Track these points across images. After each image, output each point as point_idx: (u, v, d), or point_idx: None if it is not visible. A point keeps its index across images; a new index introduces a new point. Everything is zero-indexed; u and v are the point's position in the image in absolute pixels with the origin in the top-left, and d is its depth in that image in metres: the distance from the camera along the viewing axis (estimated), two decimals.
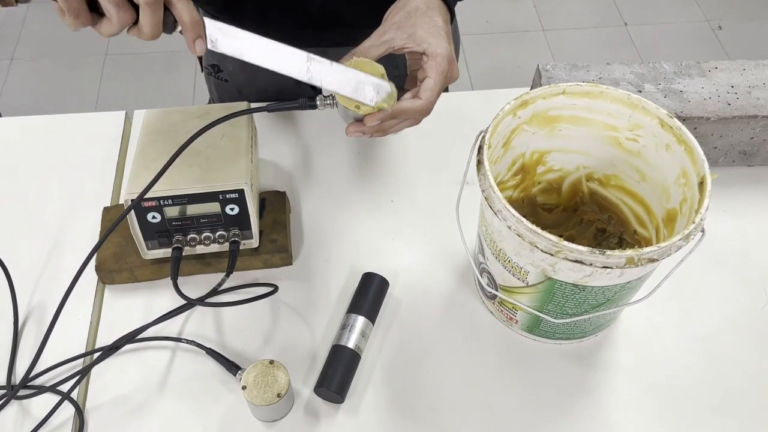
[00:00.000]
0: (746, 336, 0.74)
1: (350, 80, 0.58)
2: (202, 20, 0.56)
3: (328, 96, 0.61)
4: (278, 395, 0.63)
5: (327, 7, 0.85)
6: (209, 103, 1.11)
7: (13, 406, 0.67)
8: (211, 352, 0.70)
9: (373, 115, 0.59)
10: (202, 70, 1.02)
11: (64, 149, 0.90)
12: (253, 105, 0.69)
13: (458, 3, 0.70)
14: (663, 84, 0.84)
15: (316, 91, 0.76)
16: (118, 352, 0.70)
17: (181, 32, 0.57)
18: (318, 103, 0.62)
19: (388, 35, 0.60)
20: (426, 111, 0.61)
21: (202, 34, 0.55)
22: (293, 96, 1.02)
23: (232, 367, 0.68)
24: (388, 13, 0.62)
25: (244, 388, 0.64)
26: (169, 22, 0.56)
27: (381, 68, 0.60)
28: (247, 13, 0.89)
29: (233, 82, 1.00)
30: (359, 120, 0.62)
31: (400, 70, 0.77)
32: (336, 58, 1.03)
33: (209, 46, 0.57)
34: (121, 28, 0.52)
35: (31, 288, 0.76)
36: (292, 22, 0.88)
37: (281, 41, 0.95)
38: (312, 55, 0.56)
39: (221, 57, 0.97)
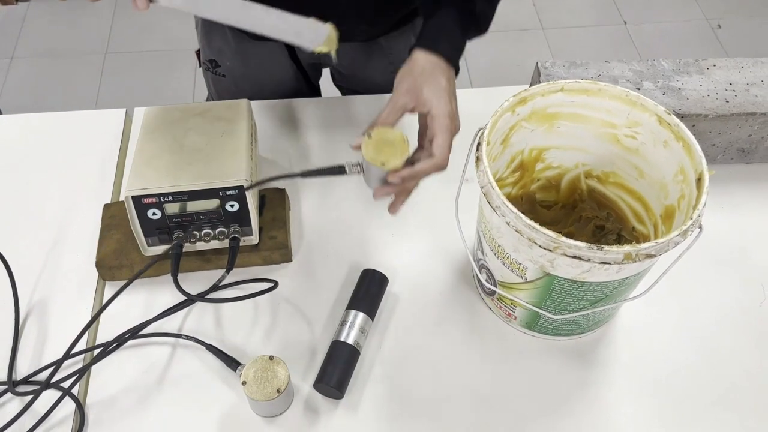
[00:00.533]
0: (744, 332, 0.74)
1: (288, 26, 0.59)
2: None
3: (357, 164, 0.66)
4: (278, 391, 0.63)
5: (319, 3, 0.85)
6: (207, 99, 1.11)
7: (15, 402, 0.68)
8: (211, 348, 0.70)
9: (396, 174, 0.64)
10: (200, 66, 1.02)
11: (65, 147, 0.90)
12: (252, 102, 0.69)
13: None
14: (661, 81, 0.85)
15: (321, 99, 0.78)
16: (118, 348, 0.71)
17: None
18: (347, 169, 0.67)
19: (401, 102, 0.66)
20: (442, 166, 0.66)
21: None
22: (290, 91, 1.02)
23: (232, 363, 0.68)
24: (398, 79, 0.68)
25: (244, 383, 0.64)
26: None
27: (401, 133, 0.66)
28: None
29: (230, 76, 1.00)
30: (383, 181, 0.66)
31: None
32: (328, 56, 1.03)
33: (153, 2, 0.58)
34: None
35: (32, 284, 0.77)
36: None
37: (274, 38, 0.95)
38: (248, 3, 0.58)
39: (219, 52, 0.98)
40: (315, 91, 1.09)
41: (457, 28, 0.68)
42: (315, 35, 0.60)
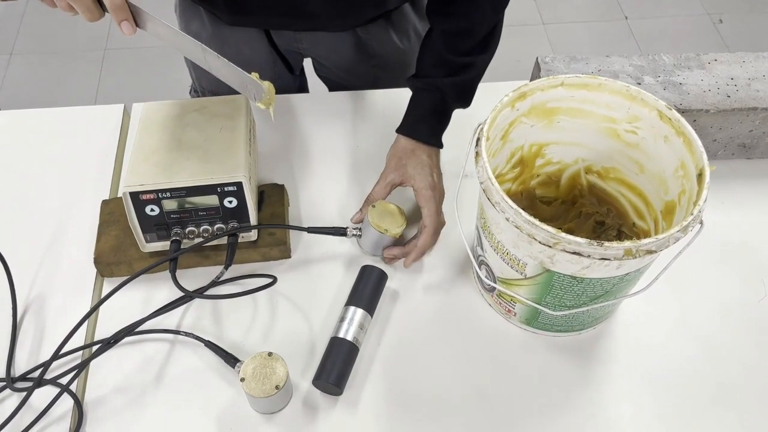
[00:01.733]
0: (744, 328, 0.74)
1: (236, 77, 0.64)
2: (127, 4, 0.60)
3: (356, 228, 0.76)
4: (276, 387, 0.63)
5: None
6: (191, 86, 1.10)
7: (13, 399, 0.68)
8: (210, 345, 0.70)
9: (391, 249, 0.76)
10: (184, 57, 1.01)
11: (63, 142, 0.90)
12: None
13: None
14: (662, 76, 0.84)
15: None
16: (116, 344, 0.70)
17: None
18: (348, 232, 0.76)
19: (389, 178, 0.78)
20: (436, 232, 0.76)
21: (127, 18, 0.60)
22: (269, 77, 1.00)
23: (231, 359, 0.68)
24: (387, 158, 0.79)
25: (242, 380, 0.64)
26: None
27: (397, 207, 0.77)
28: (218, 1, 0.88)
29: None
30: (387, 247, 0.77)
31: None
32: (309, 43, 1.01)
33: (138, 28, 0.61)
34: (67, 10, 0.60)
35: (30, 280, 0.76)
36: (261, 9, 0.88)
37: (251, 24, 0.96)
38: (207, 49, 0.63)
39: (196, 36, 0.96)
40: (296, 80, 1.09)
41: (435, 117, 0.79)
42: (256, 90, 0.64)
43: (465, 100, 0.81)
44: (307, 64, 1.08)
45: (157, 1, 0.87)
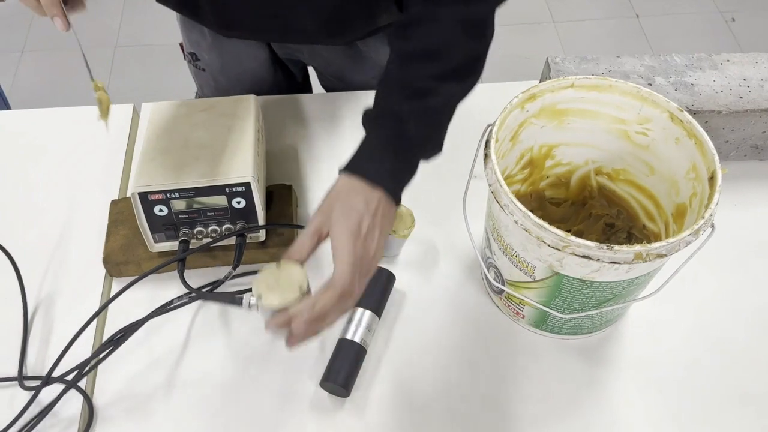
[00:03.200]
0: (757, 331, 0.73)
1: None
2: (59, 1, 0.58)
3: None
4: (300, 289, 0.56)
5: (282, 18, 0.83)
6: (196, 92, 1.11)
7: (23, 397, 0.68)
8: (210, 295, 0.69)
9: (278, 317, 0.56)
10: (184, 58, 1.01)
11: (73, 142, 0.90)
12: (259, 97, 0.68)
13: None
14: (674, 77, 0.83)
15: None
16: (125, 343, 0.70)
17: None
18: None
19: (315, 224, 0.59)
20: (344, 294, 0.55)
21: (57, 14, 0.59)
22: (271, 86, 1.00)
23: (234, 297, 0.63)
24: (321, 200, 0.61)
25: (259, 297, 0.56)
26: None
27: (405, 208, 0.67)
28: (206, 15, 0.86)
29: (209, 71, 0.99)
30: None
31: None
32: (309, 54, 0.96)
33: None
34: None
35: (40, 280, 0.77)
36: (251, 27, 0.87)
37: (246, 38, 0.91)
38: None
39: (197, 45, 0.97)
40: (301, 88, 1.07)
41: (388, 153, 0.60)
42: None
43: (432, 139, 0.63)
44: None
45: (159, 7, 0.87)
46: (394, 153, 0.60)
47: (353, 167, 0.60)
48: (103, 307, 0.69)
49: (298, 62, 1.02)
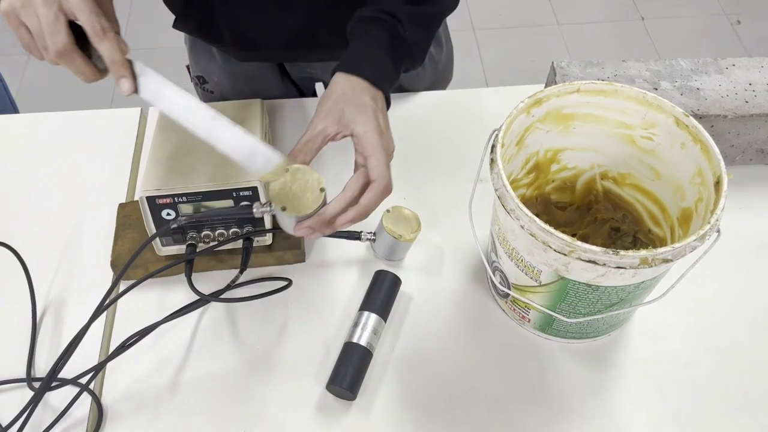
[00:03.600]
0: (763, 336, 0.73)
1: (245, 147, 0.57)
2: (128, 61, 0.56)
3: (370, 233, 0.65)
4: (321, 190, 0.56)
5: (302, 30, 0.85)
6: None
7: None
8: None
9: (344, 216, 0.59)
10: (191, 81, 1.02)
11: (80, 146, 0.91)
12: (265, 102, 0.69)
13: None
14: (679, 81, 0.83)
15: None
16: (134, 345, 0.71)
17: None
18: (362, 237, 0.66)
19: (320, 125, 0.60)
20: (387, 189, 0.60)
21: (126, 74, 0.56)
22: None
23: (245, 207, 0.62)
24: (318, 102, 0.62)
25: (284, 209, 0.55)
26: (102, 60, 0.57)
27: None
28: (224, 37, 0.88)
29: (218, 92, 1.00)
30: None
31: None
32: (321, 69, 0.98)
33: (135, 89, 0.57)
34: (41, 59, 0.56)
35: (49, 282, 0.77)
36: (270, 44, 0.88)
37: (262, 59, 0.90)
38: (218, 116, 0.56)
39: (205, 69, 0.97)
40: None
41: (385, 53, 0.62)
42: (265, 162, 0.57)
43: (421, 46, 0.64)
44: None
45: (165, 32, 0.88)
46: (390, 54, 0.62)
47: (352, 67, 0.61)
48: (104, 308, 0.69)
49: (309, 80, 1.02)
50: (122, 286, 0.78)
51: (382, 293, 0.73)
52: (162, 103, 0.57)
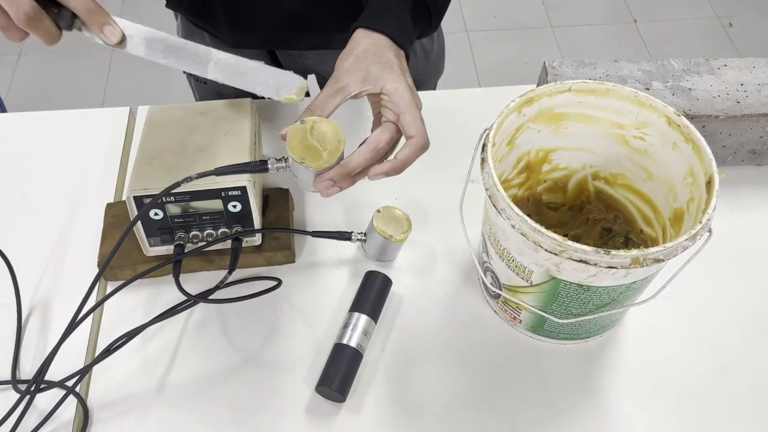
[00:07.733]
0: (754, 337, 0.73)
1: (264, 70, 0.56)
2: (101, 9, 0.52)
3: (361, 233, 0.64)
4: (339, 141, 0.55)
5: (298, 10, 0.84)
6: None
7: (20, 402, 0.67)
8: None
9: (322, 176, 0.58)
10: (183, 72, 1.01)
11: (69, 145, 0.90)
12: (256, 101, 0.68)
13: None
14: (671, 81, 0.83)
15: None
16: (120, 348, 0.70)
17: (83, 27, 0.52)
18: (352, 237, 0.65)
19: (341, 82, 0.58)
20: (425, 145, 0.60)
21: (108, 21, 0.52)
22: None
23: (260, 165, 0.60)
24: (338, 60, 0.60)
25: (303, 161, 0.54)
26: (66, 18, 0.52)
27: (402, 213, 0.62)
28: (218, 17, 0.87)
29: (212, 83, 0.99)
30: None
31: None
32: (314, 60, 0.98)
33: (123, 38, 0.53)
34: (19, 40, 0.52)
35: (35, 283, 0.76)
36: (265, 26, 0.87)
37: (256, 44, 0.88)
38: (218, 53, 0.54)
39: None
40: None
41: (406, 10, 0.61)
42: (287, 86, 0.56)
43: (438, 7, 0.63)
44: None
45: (158, 28, 0.87)
46: (411, 11, 0.61)
47: (374, 23, 0.59)
48: (93, 308, 0.68)
49: (302, 71, 1.02)
50: (110, 287, 0.77)
51: (372, 294, 0.72)
52: (156, 51, 0.54)
